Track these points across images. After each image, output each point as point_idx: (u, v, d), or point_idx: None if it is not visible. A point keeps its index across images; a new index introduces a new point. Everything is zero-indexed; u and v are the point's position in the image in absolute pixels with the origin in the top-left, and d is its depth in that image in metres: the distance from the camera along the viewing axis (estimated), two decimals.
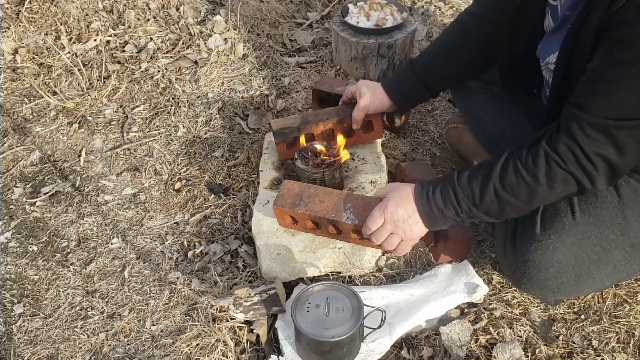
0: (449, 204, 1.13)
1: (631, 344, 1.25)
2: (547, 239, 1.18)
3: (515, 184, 1.06)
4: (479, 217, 1.14)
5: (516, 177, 1.06)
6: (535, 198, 1.08)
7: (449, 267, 1.37)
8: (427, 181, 1.19)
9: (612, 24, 0.95)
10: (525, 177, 1.06)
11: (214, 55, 2.21)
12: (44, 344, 1.34)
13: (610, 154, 1.00)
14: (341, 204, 1.28)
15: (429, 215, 1.16)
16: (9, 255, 1.57)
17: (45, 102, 2.08)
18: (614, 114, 0.97)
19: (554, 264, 1.17)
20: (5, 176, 1.82)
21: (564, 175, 1.03)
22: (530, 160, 1.05)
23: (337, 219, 1.26)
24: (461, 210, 1.13)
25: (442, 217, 1.15)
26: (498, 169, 1.09)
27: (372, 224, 1.19)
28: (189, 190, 1.71)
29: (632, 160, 1.03)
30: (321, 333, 1.13)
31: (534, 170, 1.05)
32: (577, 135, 1.00)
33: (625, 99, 0.96)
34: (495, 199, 1.09)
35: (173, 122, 1.96)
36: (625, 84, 0.95)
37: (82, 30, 2.33)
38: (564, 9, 1.15)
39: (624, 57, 0.94)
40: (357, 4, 2.11)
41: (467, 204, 1.12)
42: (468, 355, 1.22)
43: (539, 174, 1.04)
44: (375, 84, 1.54)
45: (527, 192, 1.07)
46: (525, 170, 1.05)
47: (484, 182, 1.10)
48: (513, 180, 1.07)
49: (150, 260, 1.52)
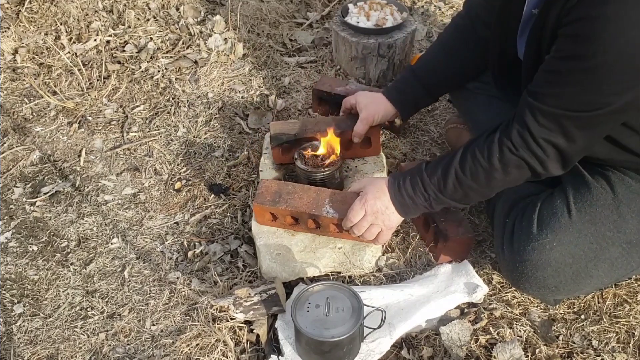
0: (417, 191, 1.21)
1: (631, 344, 1.25)
2: (544, 238, 1.18)
3: (474, 169, 1.14)
4: (447, 202, 1.21)
5: (474, 163, 1.14)
6: (493, 182, 1.15)
7: (449, 267, 1.37)
8: (398, 172, 1.28)
9: (567, 20, 0.98)
10: (481, 162, 1.13)
11: (214, 55, 2.21)
12: (44, 344, 1.34)
13: (560, 142, 1.05)
14: (320, 199, 1.36)
15: (402, 204, 1.24)
16: (9, 255, 1.57)
17: (45, 102, 2.08)
18: (564, 105, 1.02)
19: (551, 263, 1.18)
20: (5, 176, 1.82)
21: (517, 160, 1.09)
22: (485, 146, 1.13)
23: (318, 213, 1.32)
24: (429, 196, 1.21)
25: (413, 204, 1.23)
26: (459, 156, 1.17)
27: (353, 217, 1.27)
28: (189, 190, 1.71)
29: (582, 149, 1.08)
30: (321, 333, 1.13)
31: (489, 155, 1.12)
32: (529, 122, 1.06)
33: (575, 92, 1.00)
34: (458, 184, 1.17)
35: (173, 122, 1.96)
36: (575, 78, 0.99)
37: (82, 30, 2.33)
38: (530, 6, 1.19)
39: (576, 51, 0.97)
40: (357, 4, 2.11)
41: (434, 190, 1.20)
42: (468, 355, 1.22)
43: (493, 159, 1.11)
44: (375, 94, 1.55)
45: (484, 176, 1.14)
46: (481, 156, 1.13)
47: (446, 168, 1.18)
48: (471, 166, 1.15)
49: (150, 260, 1.52)
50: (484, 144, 1.13)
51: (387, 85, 1.55)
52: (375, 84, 2.06)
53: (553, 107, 1.03)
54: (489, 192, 1.20)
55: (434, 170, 1.20)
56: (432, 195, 1.20)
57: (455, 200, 1.20)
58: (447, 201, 1.21)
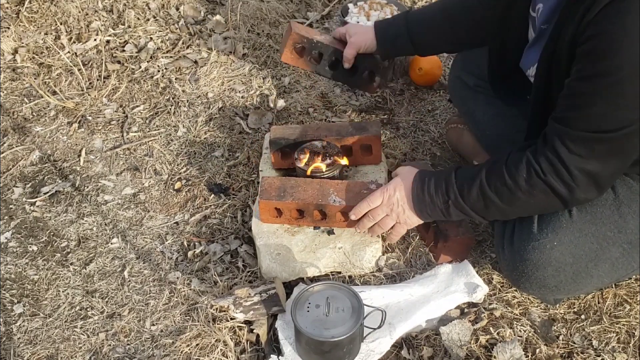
0: (439, 191, 1.20)
1: (631, 344, 1.25)
2: (544, 237, 1.18)
3: (499, 184, 1.12)
4: (466, 211, 1.19)
5: (500, 178, 1.12)
6: (516, 202, 1.13)
7: (449, 267, 1.37)
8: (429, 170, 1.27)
9: (583, 37, 0.97)
10: (507, 180, 1.11)
11: (214, 55, 2.20)
12: (43, 344, 1.34)
13: (593, 167, 1.03)
14: (324, 190, 1.37)
15: (420, 200, 1.22)
16: (8, 255, 1.57)
17: (45, 101, 2.08)
18: (593, 127, 1.00)
19: (552, 263, 1.17)
20: (5, 176, 1.82)
21: (543, 185, 1.08)
22: (513, 164, 1.11)
23: (325, 202, 1.34)
24: (448, 199, 1.19)
25: (431, 204, 1.21)
26: (488, 167, 1.15)
27: (372, 201, 1.26)
28: (189, 190, 1.71)
29: (615, 171, 1.07)
30: (321, 333, 1.13)
31: (515, 174, 1.10)
32: (559, 149, 1.04)
33: (603, 112, 0.99)
34: (481, 195, 1.15)
35: (173, 122, 1.96)
36: (601, 97, 0.98)
37: (82, 30, 2.33)
38: (540, 22, 1.18)
39: (597, 69, 0.96)
40: (357, 4, 2.11)
41: (455, 195, 1.18)
42: (468, 355, 1.22)
43: (519, 179, 1.09)
44: (366, 27, 1.58)
45: (508, 195, 1.12)
46: (508, 173, 1.11)
47: (473, 177, 1.16)
48: (497, 180, 1.12)
49: (150, 260, 1.52)
50: (511, 161, 1.11)
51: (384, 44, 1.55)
52: None
53: (583, 131, 1.01)
54: (510, 212, 1.18)
55: (463, 175, 1.18)
56: (453, 198, 1.18)
57: (475, 211, 1.19)
58: (466, 209, 1.18)
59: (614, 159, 1.04)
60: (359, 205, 1.29)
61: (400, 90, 2.04)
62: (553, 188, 1.07)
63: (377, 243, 1.40)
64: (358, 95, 2.02)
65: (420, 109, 1.96)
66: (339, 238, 1.40)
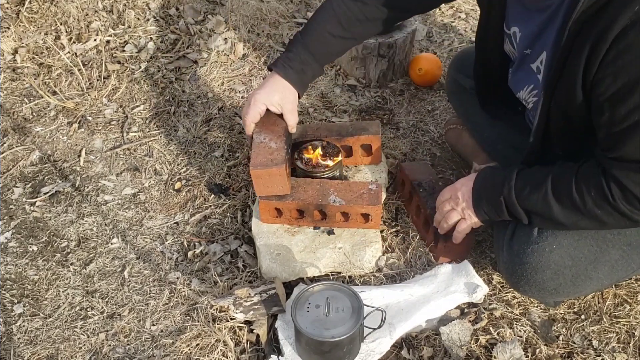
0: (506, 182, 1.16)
1: (631, 344, 1.25)
2: (543, 240, 1.18)
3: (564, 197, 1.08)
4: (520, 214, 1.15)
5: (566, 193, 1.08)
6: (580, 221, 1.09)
7: (449, 267, 1.37)
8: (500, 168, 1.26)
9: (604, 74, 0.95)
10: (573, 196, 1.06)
11: (214, 55, 2.20)
12: (44, 344, 1.34)
13: None
14: (324, 190, 1.38)
15: (481, 189, 1.22)
16: (9, 255, 1.57)
17: (45, 102, 2.08)
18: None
19: (551, 266, 1.17)
20: (5, 176, 1.82)
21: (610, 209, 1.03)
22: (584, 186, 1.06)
23: (325, 202, 1.35)
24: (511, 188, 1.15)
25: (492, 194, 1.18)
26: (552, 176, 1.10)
27: (441, 196, 1.30)
28: (189, 190, 1.71)
29: None
30: (321, 333, 1.13)
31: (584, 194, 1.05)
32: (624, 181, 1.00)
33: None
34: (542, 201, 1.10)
35: (173, 122, 1.96)
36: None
37: (82, 30, 2.33)
38: (521, 47, 1.19)
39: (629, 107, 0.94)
40: None
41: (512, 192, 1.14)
42: (468, 355, 1.22)
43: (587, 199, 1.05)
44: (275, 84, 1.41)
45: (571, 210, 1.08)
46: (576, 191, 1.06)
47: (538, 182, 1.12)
48: (563, 195, 1.08)
49: (150, 260, 1.52)
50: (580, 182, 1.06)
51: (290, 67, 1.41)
52: (375, 84, 2.06)
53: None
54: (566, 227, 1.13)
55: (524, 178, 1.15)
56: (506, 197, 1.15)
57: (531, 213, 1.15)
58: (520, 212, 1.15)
59: None
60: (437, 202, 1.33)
61: (400, 90, 2.04)
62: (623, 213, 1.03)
63: (377, 243, 1.40)
64: (358, 96, 2.02)
65: (420, 109, 1.96)
66: (339, 238, 1.40)
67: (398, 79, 2.08)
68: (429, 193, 1.45)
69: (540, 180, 1.12)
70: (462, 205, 1.26)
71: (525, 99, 1.27)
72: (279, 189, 1.34)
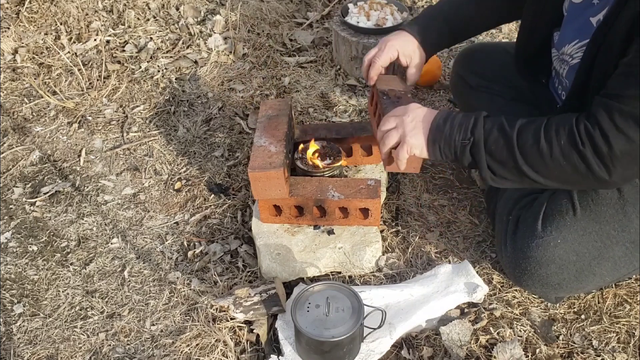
0: (463, 126, 1.11)
1: (631, 344, 1.25)
2: (548, 235, 1.18)
3: (530, 143, 1.04)
4: (482, 157, 1.09)
5: (533, 137, 1.04)
6: (541, 168, 1.05)
7: (449, 267, 1.37)
8: None
9: None
10: (540, 141, 1.03)
11: (214, 55, 2.20)
12: (43, 344, 1.34)
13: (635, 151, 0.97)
14: (323, 186, 1.39)
15: (438, 129, 1.13)
16: (8, 255, 1.57)
17: (45, 102, 2.08)
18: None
19: (555, 260, 1.17)
20: (5, 176, 1.82)
21: (578, 157, 1.01)
22: (553, 129, 1.03)
23: (324, 197, 1.36)
24: (471, 137, 1.09)
25: (448, 137, 1.12)
26: (523, 122, 1.07)
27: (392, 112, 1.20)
28: (189, 190, 1.71)
29: None
30: (321, 333, 1.13)
31: (552, 139, 1.03)
32: (604, 124, 0.98)
33: None
34: (506, 147, 1.06)
35: (173, 122, 1.96)
36: None
37: (82, 30, 2.33)
38: None
39: None
40: (357, 4, 2.11)
41: (480, 135, 1.08)
42: (468, 355, 1.22)
43: (555, 144, 1.02)
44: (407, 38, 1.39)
45: (536, 156, 1.04)
46: (544, 136, 1.03)
47: (504, 127, 1.08)
48: (529, 139, 1.05)
49: (150, 260, 1.52)
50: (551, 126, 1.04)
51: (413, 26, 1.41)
52: None
53: (634, 109, 0.95)
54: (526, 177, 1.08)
55: (493, 121, 1.10)
56: (476, 139, 1.09)
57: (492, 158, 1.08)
58: (482, 155, 1.09)
59: None
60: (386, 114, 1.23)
61: None
62: (589, 164, 1.00)
63: (377, 243, 1.40)
64: (358, 96, 2.02)
65: None
66: (339, 238, 1.40)
67: None
68: (392, 102, 1.33)
69: (509, 125, 1.07)
70: (406, 128, 1.15)
71: (570, 54, 1.19)
72: (277, 192, 1.34)
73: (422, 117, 1.16)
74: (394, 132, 1.18)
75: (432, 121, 1.15)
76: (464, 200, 1.58)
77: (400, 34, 1.40)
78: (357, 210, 1.38)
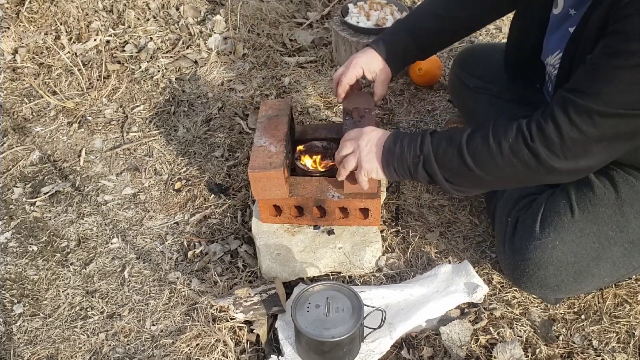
0: (412, 145, 1.15)
1: (631, 344, 1.25)
2: (546, 237, 1.18)
3: (480, 147, 1.08)
4: (434, 172, 1.13)
5: (482, 141, 1.08)
6: (493, 169, 1.08)
7: (449, 267, 1.37)
8: None
9: (616, 18, 0.95)
10: (490, 143, 1.06)
11: (214, 55, 2.21)
12: (43, 344, 1.34)
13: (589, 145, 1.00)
14: (323, 187, 1.38)
15: (390, 151, 1.18)
16: (8, 255, 1.57)
17: (45, 102, 2.08)
18: (602, 103, 0.96)
19: (553, 262, 1.18)
20: (5, 176, 1.82)
21: (528, 153, 1.03)
22: (501, 129, 1.06)
23: (323, 197, 1.35)
24: (420, 154, 1.13)
25: (400, 157, 1.16)
26: (470, 130, 1.11)
27: (347, 135, 1.25)
28: (189, 190, 1.71)
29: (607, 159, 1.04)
30: (321, 333, 1.13)
31: (501, 139, 1.05)
32: (558, 117, 1.00)
33: (618, 90, 0.95)
34: (457, 156, 1.09)
35: (173, 122, 1.96)
36: (619, 75, 0.94)
37: (82, 30, 2.33)
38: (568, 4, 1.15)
39: (623, 47, 0.93)
40: (357, 4, 2.11)
41: (429, 150, 1.13)
42: (468, 355, 1.22)
43: (504, 143, 1.05)
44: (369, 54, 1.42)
45: (487, 159, 1.07)
46: (493, 137, 1.06)
47: (453, 137, 1.11)
48: (478, 143, 1.08)
49: (150, 260, 1.52)
50: (499, 127, 1.07)
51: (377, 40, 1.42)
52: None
53: (590, 103, 0.96)
54: (481, 180, 1.11)
55: (441, 135, 1.14)
56: (425, 154, 1.13)
57: (446, 174, 1.12)
58: (436, 170, 1.13)
59: (613, 143, 1.00)
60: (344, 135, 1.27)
61: (400, 90, 2.04)
62: (538, 156, 1.02)
63: (377, 243, 1.40)
64: None
65: (420, 109, 1.95)
66: (339, 238, 1.40)
67: (398, 79, 2.08)
68: (353, 122, 1.40)
69: (457, 135, 1.11)
70: (362, 152, 1.20)
71: (553, 64, 1.22)
72: (277, 192, 1.34)
73: (375, 141, 1.21)
74: (351, 157, 1.24)
75: (384, 144, 1.20)
76: (464, 200, 1.58)
77: (366, 50, 1.42)
78: (357, 210, 1.38)
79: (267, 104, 1.54)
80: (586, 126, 0.98)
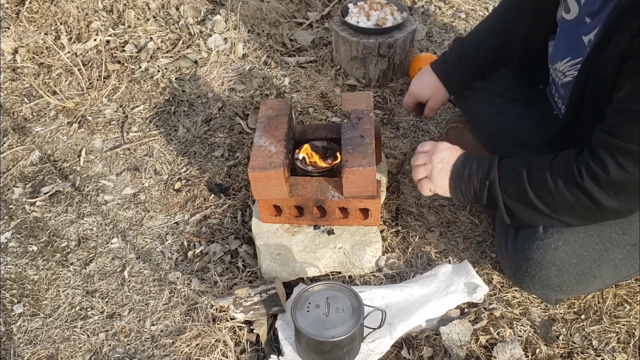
0: (481, 169, 1.19)
1: (631, 344, 1.25)
2: (549, 237, 1.18)
3: (540, 179, 1.10)
4: (498, 196, 1.17)
5: (541, 173, 1.10)
6: (550, 200, 1.10)
7: (449, 267, 1.37)
8: None
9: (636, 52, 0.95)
10: (547, 177, 1.09)
11: (214, 55, 2.20)
12: (44, 344, 1.34)
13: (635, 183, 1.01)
14: (323, 187, 1.39)
15: (459, 172, 1.22)
16: (9, 255, 1.57)
17: (45, 101, 2.08)
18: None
19: (556, 263, 1.17)
20: (5, 176, 1.82)
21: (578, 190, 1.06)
22: (556, 167, 1.09)
23: (324, 197, 1.35)
24: (486, 179, 1.17)
25: (467, 179, 1.20)
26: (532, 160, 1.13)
27: (421, 146, 1.29)
28: (189, 190, 1.71)
29: None
30: (321, 333, 1.13)
31: (555, 175, 1.08)
32: (607, 161, 1.01)
33: None
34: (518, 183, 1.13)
35: (173, 122, 1.96)
36: None
37: (82, 30, 2.33)
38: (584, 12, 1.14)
39: None
40: (357, 4, 2.11)
41: (495, 177, 1.16)
42: (468, 355, 1.22)
43: (558, 180, 1.08)
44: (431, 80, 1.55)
45: (545, 189, 1.10)
46: (549, 172, 1.09)
47: (517, 166, 1.15)
48: (539, 175, 1.11)
49: (150, 260, 1.52)
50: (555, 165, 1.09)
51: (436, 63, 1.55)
52: (375, 84, 2.06)
53: (632, 145, 0.98)
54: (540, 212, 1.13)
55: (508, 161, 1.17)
56: (492, 180, 1.17)
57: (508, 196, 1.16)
58: (499, 194, 1.16)
59: None
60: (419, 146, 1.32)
61: (400, 90, 2.04)
62: (590, 196, 1.05)
63: (377, 243, 1.40)
64: None
65: None
66: (339, 238, 1.40)
67: (398, 78, 2.08)
68: (352, 125, 1.43)
69: (519, 168, 1.14)
70: (434, 167, 1.24)
71: (562, 71, 1.23)
72: (277, 192, 1.34)
73: (447, 160, 1.24)
74: (422, 169, 1.27)
75: (453, 165, 1.23)
76: None
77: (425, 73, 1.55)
78: (357, 210, 1.38)
79: (267, 104, 1.54)
80: (632, 168, 1.00)
